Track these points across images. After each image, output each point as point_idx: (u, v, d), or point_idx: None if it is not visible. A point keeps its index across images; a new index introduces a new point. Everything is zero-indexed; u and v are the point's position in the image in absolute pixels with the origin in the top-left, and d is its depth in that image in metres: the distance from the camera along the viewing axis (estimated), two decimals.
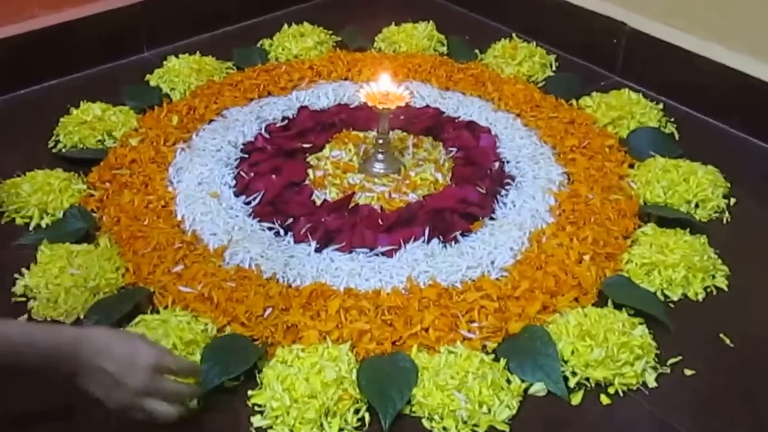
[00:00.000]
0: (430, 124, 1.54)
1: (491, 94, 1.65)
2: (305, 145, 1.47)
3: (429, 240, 1.26)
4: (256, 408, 1.01)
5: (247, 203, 1.34)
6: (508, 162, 1.46)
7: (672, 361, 1.10)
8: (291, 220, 1.29)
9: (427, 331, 1.11)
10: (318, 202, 1.33)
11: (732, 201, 1.39)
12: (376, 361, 1.06)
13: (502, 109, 1.60)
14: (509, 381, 1.05)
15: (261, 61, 1.76)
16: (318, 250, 1.24)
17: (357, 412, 1.01)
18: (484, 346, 1.09)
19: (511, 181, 1.41)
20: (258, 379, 1.04)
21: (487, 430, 0.99)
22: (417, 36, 1.83)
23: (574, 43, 1.82)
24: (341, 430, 0.98)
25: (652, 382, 1.06)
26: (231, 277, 1.18)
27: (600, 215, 1.32)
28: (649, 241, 1.25)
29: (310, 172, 1.41)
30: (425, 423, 1.01)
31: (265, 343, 1.09)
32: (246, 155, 1.46)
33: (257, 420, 0.99)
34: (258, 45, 1.82)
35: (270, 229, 1.28)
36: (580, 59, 1.82)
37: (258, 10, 1.98)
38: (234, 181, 1.39)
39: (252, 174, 1.39)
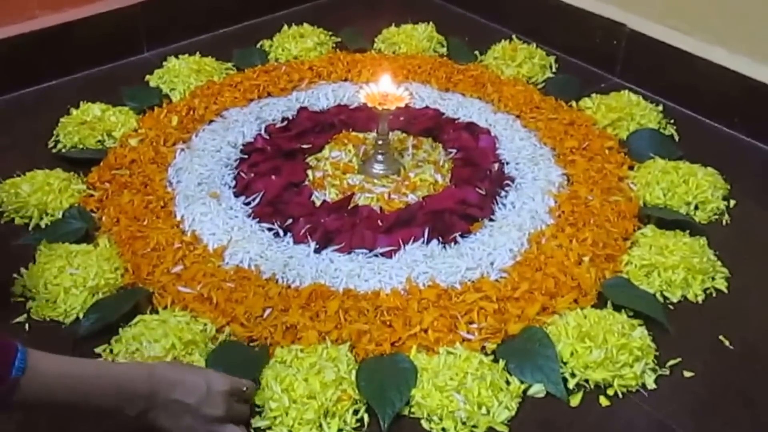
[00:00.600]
0: (430, 125, 1.54)
1: (491, 95, 1.64)
2: (305, 145, 1.47)
3: (428, 241, 1.26)
4: (255, 408, 1.00)
5: (247, 204, 1.34)
6: (507, 163, 1.46)
7: (671, 362, 1.10)
8: (290, 221, 1.28)
9: (426, 332, 1.10)
10: (317, 203, 1.33)
11: (732, 203, 1.39)
12: (375, 362, 1.06)
13: (502, 111, 1.60)
14: (508, 382, 1.04)
15: (261, 62, 1.75)
16: (317, 251, 1.24)
17: (356, 412, 1.00)
18: (483, 347, 1.09)
19: (510, 182, 1.40)
20: (256, 380, 1.03)
21: (486, 431, 0.99)
22: (417, 37, 1.83)
23: (574, 45, 1.82)
24: (340, 430, 0.98)
25: (651, 384, 1.06)
26: (230, 278, 1.18)
27: (599, 217, 1.32)
28: (648, 243, 1.25)
29: (309, 172, 1.41)
30: (424, 424, 1.00)
31: (264, 343, 1.09)
32: (245, 156, 1.46)
33: (256, 420, 0.99)
34: (258, 46, 1.82)
35: (269, 229, 1.28)
36: (580, 61, 1.82)
37: (258, 10, 1.98)
38: (233, 182, 1.39)
39: (251, 175, 1.38)
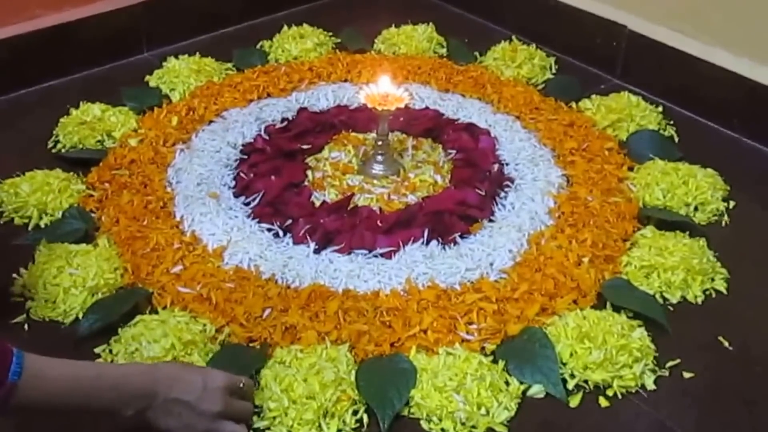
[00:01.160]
0: (430, 126, 1.54)
1: (491, 96, 1.64)
2: (304, 146, 1.47)
3: (428, 242, 1.25)
4: (254, 409, 1.00)
5: (246, 204, 1.34)
6: (507, 164, 1.46)
7: (671, 363, 1.10)
8: (290, 221, 1.28)
9: (425, 332, 1.10)
10: (317, 204, 1.33)
11: (731, 204, 1.39)
12: (375, 363, 1.06)
13: (502, 112, 1.60)
14: (508, 383, 1.04)
15: (260, 63, 1.75)
16: (317, 252, 1.24)
17: (355, 413, 1.00)
18: (483, 348, 1.09)
19: (510, 183, 1.40)
20: (256, 380, 1.03)
21: (486, 431, 0.99)
22: (417, 38, 1.83)
23: (574, 46, 1.82)
24: (339, 431, 0.98)
25: (650, 385, 1.06)
26: (230, 278, 1.18)
27: (599, 218, 1.31)
28: (648, 244, 1.25)
29: (309, 173, 1.41)
30: (423, 424, 1.00)
31: (263, 344, 1.09)
32: (245, 156, 1.46)
33: (255, 421, 0.99)
34: (258, 46, 1.82)
35: (269, 230, 1.28)
36: (580, 62, 1.82)
37: (258, 11, 1.97)
38: (233, 182, 1.39)
39: (251, 175, 1.38)
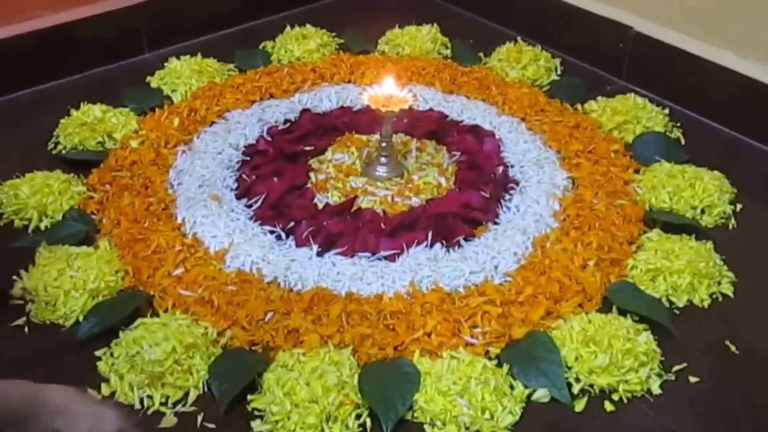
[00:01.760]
0: (434, 128, 1.53)
1: (495, 97, 1.63)
2: (307, 148, 1.46)
3: (432, 244, 1.25)
4: (256, 412, 1.00)
5: (249, 206, 1.33)
6: (512, 166, 1.45)
7: (677, 368, 1.09)
8: (293, 224, 1.28)
9: (429, 336, 1.10)
10: (320, 206, 1.33)
11: (738, 207, 1.38)
12: (378, 366, 1.05)
13: (507, 113, 1.59)
14: (512, 387, 1.04)
15: (263, 64, 1.75)
16: (320, 254, 1.23)
17: (358, 417, 1.00)
18: (487, 352, 1.08)
19: (515, 185, 1.40)
20: (258, 384, 1.03)
21: None
22: (421, 39, 1.82)
23: (579, 47, 1.82)
24: None
25: (656, 389, 1.06)
26: (232, 281, 1.17)
27: (605, 220, 1.31)
28: (654, 247, 1.24)
29: (312, 175, 1.40)
30: (427, 429, 1.00)
31: (266, 347, 1.08)
32: (247, 158, 1.45)
33: (257, 425, 0.99)
34: (260, 47, 1.82)
35: (271, 232, 1.27)
36: (586, 63, 1.81)
37: (260, 12, 1.97)
38: (235, 184, 1.39)
39: (253, 177, 1.38)
